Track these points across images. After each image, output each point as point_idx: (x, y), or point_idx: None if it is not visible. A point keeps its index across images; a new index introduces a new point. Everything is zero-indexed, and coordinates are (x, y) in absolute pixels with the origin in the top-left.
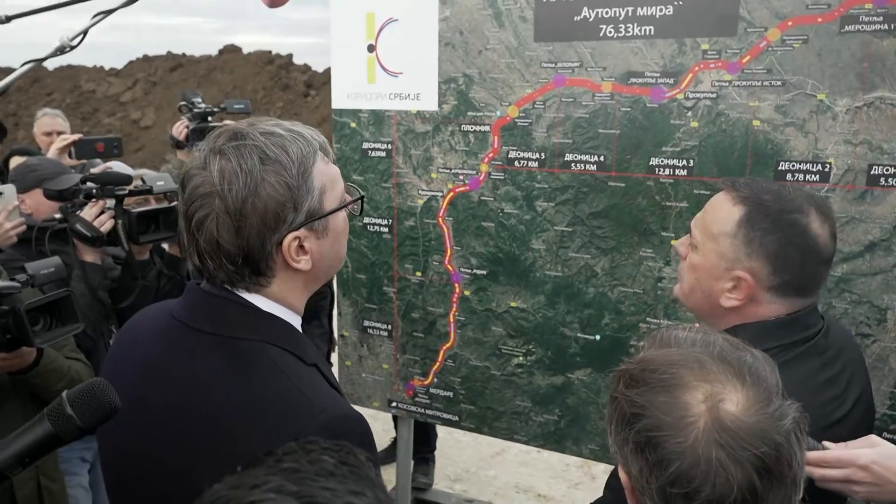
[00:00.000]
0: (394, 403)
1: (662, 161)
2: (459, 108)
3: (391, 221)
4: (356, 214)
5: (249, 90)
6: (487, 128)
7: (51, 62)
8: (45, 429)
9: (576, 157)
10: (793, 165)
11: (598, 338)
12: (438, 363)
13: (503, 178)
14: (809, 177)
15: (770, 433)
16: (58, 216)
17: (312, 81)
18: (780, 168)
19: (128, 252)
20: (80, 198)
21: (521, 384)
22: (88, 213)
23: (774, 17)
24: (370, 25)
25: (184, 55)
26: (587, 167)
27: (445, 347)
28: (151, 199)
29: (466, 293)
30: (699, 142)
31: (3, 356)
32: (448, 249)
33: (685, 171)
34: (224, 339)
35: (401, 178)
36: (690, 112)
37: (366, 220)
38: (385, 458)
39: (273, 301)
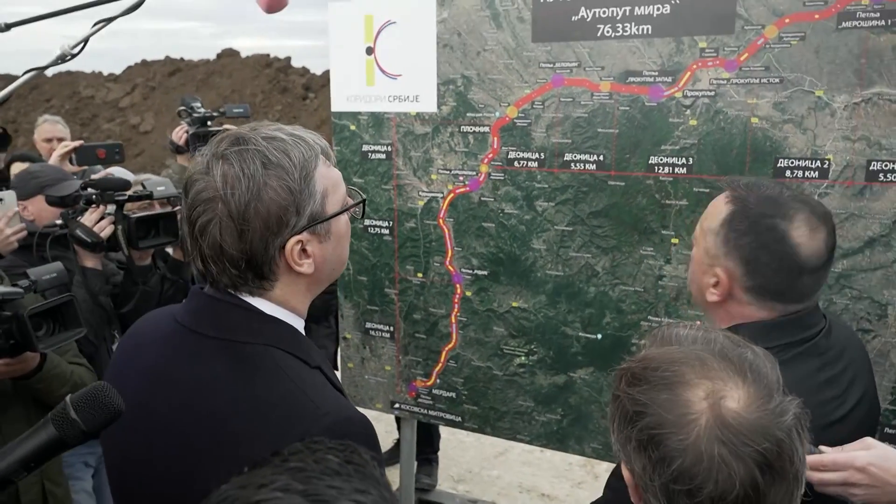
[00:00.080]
0: (396, 405)
1: (662, 159)
2: (458, 110)
3: (392, 223)
4: (358, 218)
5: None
6: (487, 129)
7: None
8: (50, 433)
9: (575, 157)
10: (791, 162)
11: (600, 337)
12: (441, 364)
13: (503, 179)
14: (808, 173)
15: (771, 429)
16: (59, 222)
17: (311, 84)
18: (780, 165)
19: (128, 257)
20: (81, 204)
21: (524, 384)
22: (88, 219)
23: (772, 15)
24: (368, 28)
25: (182, 60)
26: (587, 167)
27: (447, 348)
28: (156, 205)
29: (468, 294)
30: (698, 140)
31: (7, 362)
32: (449, 250)
33: (684, 170)
34: (228, 343)
35: (401, 180)
36: (689, 110)
37: (367, 223)
38: (388, 460)
39: (276, 305)
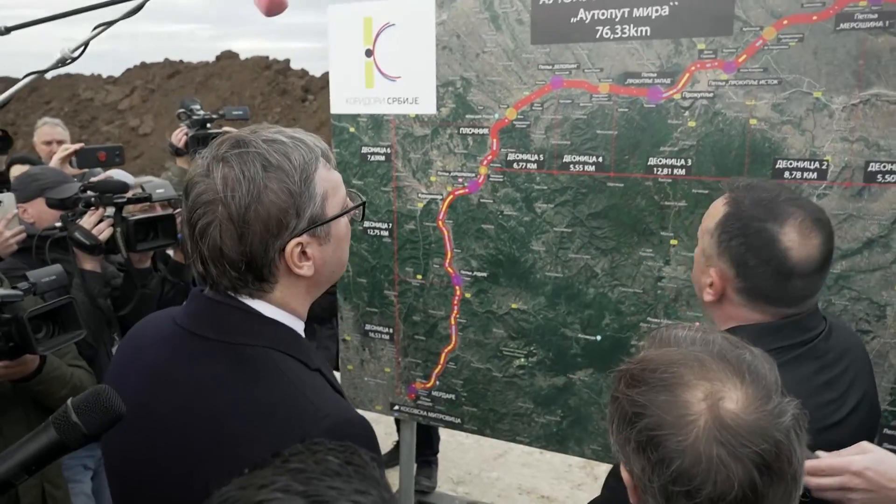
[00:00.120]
0: (396, 407)
1: (660, 161)
2: (458, 112)
3: (391, 225)
4: (358, 220)
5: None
6: (486, 130)
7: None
8: (51, 436)
9: (574, 159)
10: (790, 163)
11: (599, 338)
12: (440, 366)
13: (502, 181)
14: (807, 174)
15: (770, 430)
16: (58, 225)
17: (310, 86)
18: (778, 166)
19: (126, 260)
20: (80, 206)
21: (523, 385)
22: (87, 222)
23: (770, 16)
24: (367, 30)
25: (181, 62)
26: (586, 168)
27: (447, 350)
28: (157, 207)
29: (467, 295)
30: (697, 141)
31: (7, 364)
32: (448, 252)
33: (683, 171)
34: (228, 346)
35: (400, 182)
36: (688, 112)
37: (366, 224)
38: (388, 462)
39: (276, 307)
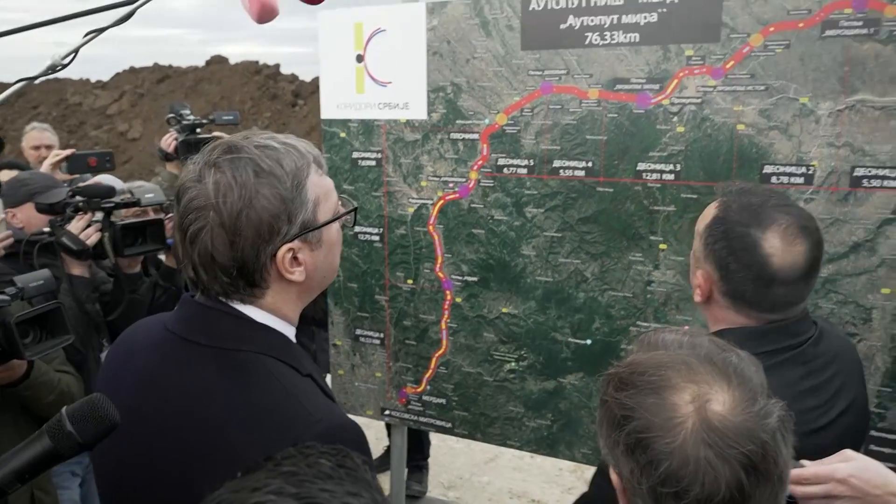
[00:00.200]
0: (387, 411)
1: (649, 166)
2: (448, 117)
3: (382, 230)
4: (349, 226)
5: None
6: (476, 135)
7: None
8: (45, 445)
9: (564, 164)
10: (777, 168)
11: (590, 342)
12: (431, 370)
13: (493, 186)
14: (794, 179)
15: (756, 432)
16: (46, 230)
17: (300, 91)
18: (765, 171)
19: (115, 265)
20: (69, 211)
21: (514, 390)
22: (75, 227)
23: (756, 23)
24: (358, 36)
25: (170, 66)
26: (575, 173)
27: (438, 354)
28: (150, 211)
29: (458, 300)
30: (685, 146)
31: None
32: (439, 257)
33: (672, 176)
34: (220, 351)
35: (391, 187)
36: (676, 117)
37: (357, 230)
38: (379, 467)
39: (267, 312)
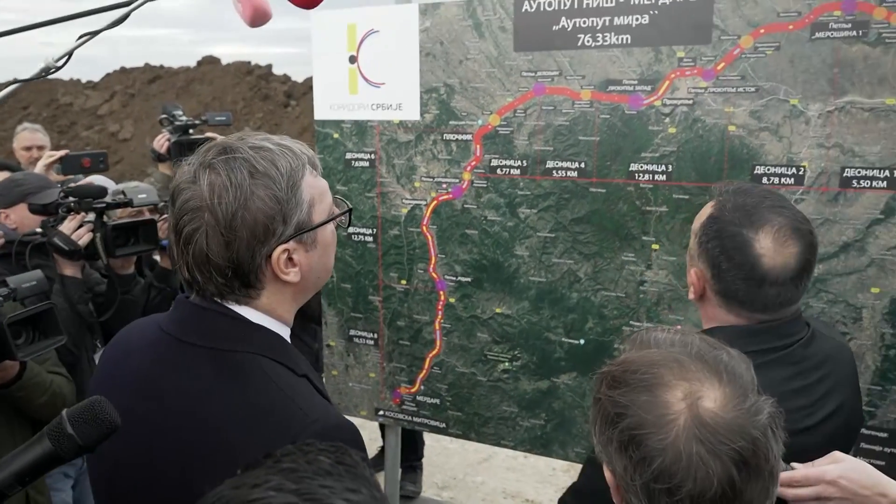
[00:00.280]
0: (381, 412)
1: (642, 167)
2: (441, 118)
3: (375, 231)
4: (343, 226)
5: (229, 101)
6: (469, 136)
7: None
8: (45, 448)
9: (557, 164)
10: (768, 169)
11: (583, 342)
12: (425, 371)
13: (486, 186)
14: (784, 180)
15: (747, 428)
16: (39, 230)
17: (292, 92)
18: (756, 172)
19: (106, 265)
20: (61, 212)
21: (508, 389)
22: (67, 227)
23: (747, 26)
24: (351, 37)
25: (161, 67)
26: (568, 174)
27: (431, 355)
28: (145, 212)
29: (451, 300)
30: (677, 147)
31: None
32: (432, 257)
33: (664, 177)
34: (215, 352)
35: (384, 188)
36: (668, 118)
37: (350, 230)
38: (373, 467)
39: (262, 313)
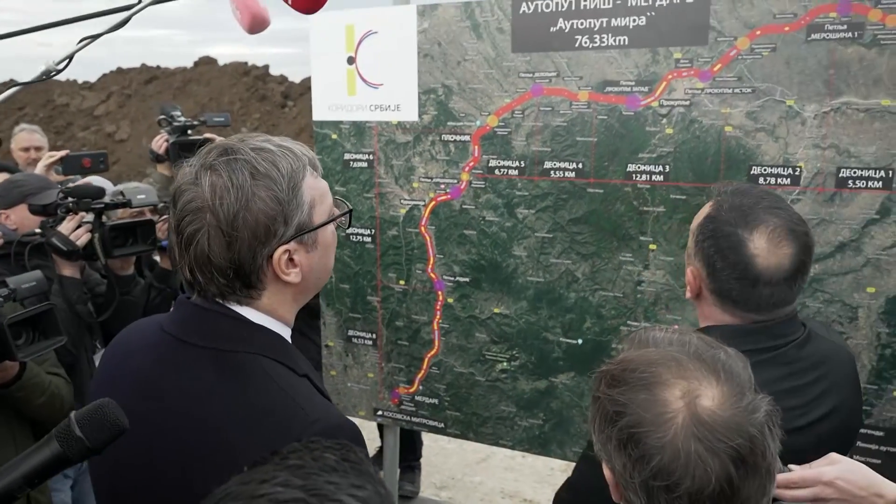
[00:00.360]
0: (379, 412)
1: (639, 167)
2: (439, 119)
3: (374, 231)
4: (343, 227)
5: (226, 102)
6: (467, 137)
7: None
8: (54, 450)
9: (555, 165)
10: (764, 170)
11: (581, 342)
12: (423, 371)
13: (484, 187)
14: (781, 180)
15: (744, 426)
16: (38, 231)
17: (289, 92)
18: (753, 172)
19: (105, 266)
20: (60, 212)
21: (506, 389)
22: (65, 227)
23: (743, 27)
24: (350, 38)
25: (158, 67)
26: (566, 174)
27: (430, 355)
28: (146, 212)
29: (450, 301)
30: (674, 148)
31: None
32: (431, 258)
33: (661, 177)
34: (216, 352)
35: (383, 189)
36: (665, 119)
37: (349, 231)
38: None
39: (263, 313)
